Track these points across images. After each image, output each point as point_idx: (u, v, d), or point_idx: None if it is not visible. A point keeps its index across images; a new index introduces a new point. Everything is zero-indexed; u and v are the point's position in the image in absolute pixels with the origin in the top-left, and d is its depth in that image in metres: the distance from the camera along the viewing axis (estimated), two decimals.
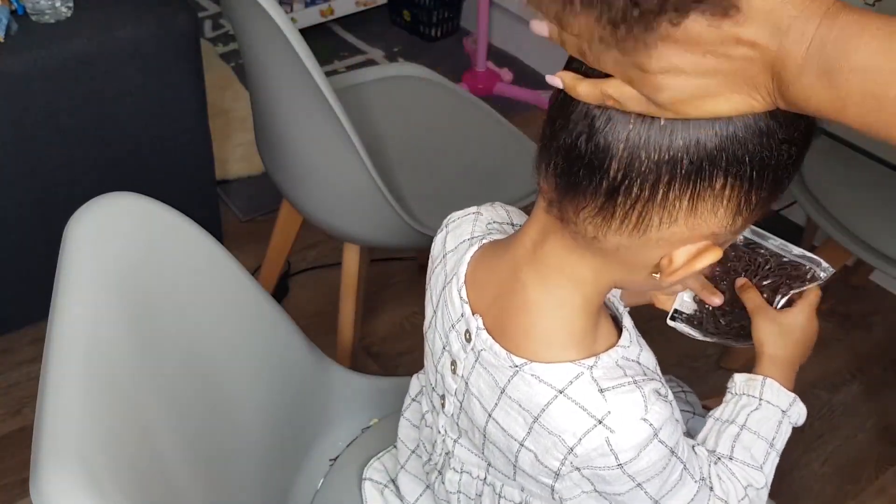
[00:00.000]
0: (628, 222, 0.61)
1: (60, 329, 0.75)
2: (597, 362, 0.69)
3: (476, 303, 0.75)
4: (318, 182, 1.45)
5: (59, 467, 0.63)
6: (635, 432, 0.67)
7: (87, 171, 1.71)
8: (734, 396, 0.87)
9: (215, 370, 0.97)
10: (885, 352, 1.95)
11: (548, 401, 0.69)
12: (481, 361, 0.74)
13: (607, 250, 0.64)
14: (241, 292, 1.01)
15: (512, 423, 0.72)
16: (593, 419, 0.67)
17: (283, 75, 1.31)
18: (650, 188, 0.59)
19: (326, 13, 2.85)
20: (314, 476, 1.10)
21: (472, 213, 0.84)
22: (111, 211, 0.88)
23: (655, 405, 0.68)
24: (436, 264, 0.83)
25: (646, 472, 0.69)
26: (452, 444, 0.84)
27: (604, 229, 0.62)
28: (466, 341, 0.75)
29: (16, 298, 1.79)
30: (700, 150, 0.57)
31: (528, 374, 0.70)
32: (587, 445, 0.68)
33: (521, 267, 0.71)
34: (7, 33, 1.53)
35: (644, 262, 0.65)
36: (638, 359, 0.73)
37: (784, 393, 0.86)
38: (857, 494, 1.67)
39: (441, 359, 0.80)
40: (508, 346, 0.72)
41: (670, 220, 0.61)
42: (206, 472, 0.89)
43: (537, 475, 0.73)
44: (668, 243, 0.63)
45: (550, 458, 0.70)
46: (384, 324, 1.94)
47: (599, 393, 0.67)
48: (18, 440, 1.68)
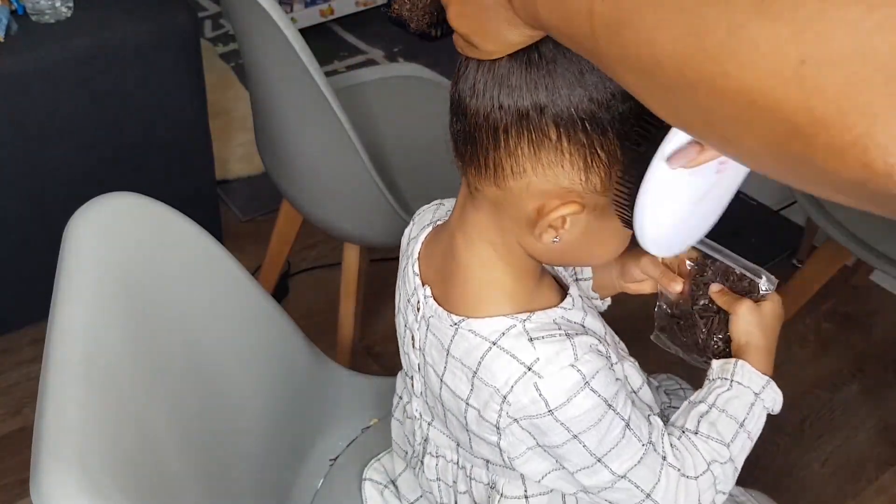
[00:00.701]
0: (488, 170, 0.65)
1: (60, 329, 0.75)
2: (530, 317, 0.71)
3: (426, 274, 0.79)
4: (318, 182, 1.45)
5: (59, 467, 0.63)
6: (563, 377, 0.68)
7: (87, 171, 1.71)
8: (709, 381, 0.86)
9: (215, 370, 0.97)
10: (885, 352, 1.95)
11: (482, 353, 0.71)
12: (431, 328, 0.77)
13: (492, 202, 0.68)
14: (241, 292, 1.01)
15: (458, 382, 0.74)
16: (523, 366, 0.69)
17: (283, 75, 1.31)
18: (492, 134, 0.63)
19: (326, 13, 2.85)
20: (314, 476, 1.10)
21: (435, 204, 0.88)
22: (111, 211, 0.88)
23: (587, 355, 0.69)
24: (403, 254, 0.86)
25: (579, 422, 0.69)
26: (427, 427, 0.85)
27: (478, 179, 0.67)
28: (417, 311, 0.78)
29: (16, 298, 1.79)
30: (525, 98, 0.60)
31: (465, 330, 0.72)
32: (518, 392, 0.69)
33: (454, 233, 0.74)
34: (7, 33, 1.53)
35: (523, 214, 0.67)
36: (582, 322, 0.75)
37: (757, 376, 0.84)
38: (857, 494, 1.67)
39: (405, 338, 0.83)
40: (449, 307, 0.75)
41: (520, 169, 0.64)
42: (205, 472, 0.89)
43: (483, 433, 0.75)
44: (530, 195, 0.65)
45: (490, 412, 0.72)
46: (384, 324, 1.94)
47: (529, 342, 0.69)
48: (18, 440, 1.68)
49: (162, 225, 0.92)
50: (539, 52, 0.59)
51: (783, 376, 0.87)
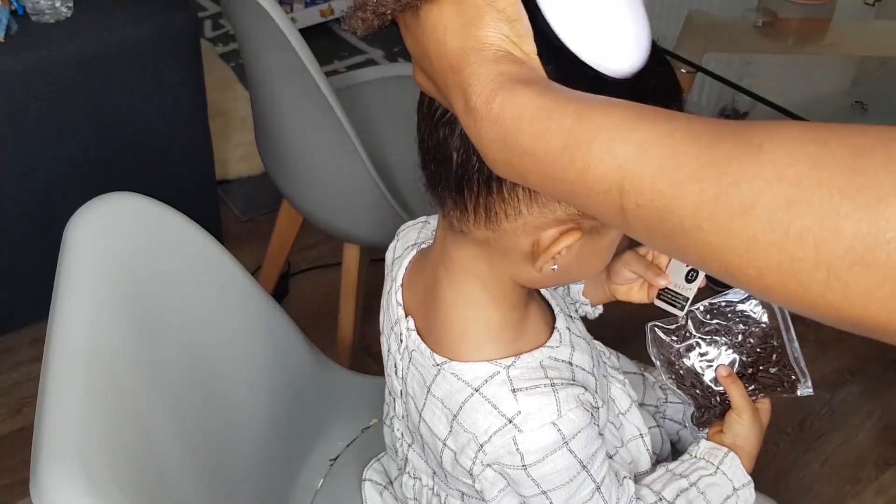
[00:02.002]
0: (480, 217, 0.63)
1: (60, 329, 0.75)
2: (515, 362, 0.70)
3: (409, 304, 0.77)
4: (318, 182, 1.45)
5: (59, 467, 0.63)
6: (543, 435, 0.67)
7: (87, 170, 1.71)
8: (692, 458, 0.87)
9: (215, 370, 0.97)
10: (885, 352, 1.95)
11: (464, 399, 0.70)
12: (413, 361, 0.75)
13: (481, 242, 0.65)
14: (241, 292, 1.01)
15: (437, 422, 0.73)
16: (503, 418, 0.68)
17: (283, 75, 1.31)
18: (485, 183, 0.60)
19: (326, 13, 2.85)
20: (314, 476, 1.10)
21: (420, 222, 0.86)
22: (111, 211, 0.88)
23: (571, 412, 0.68)
24: (387, 273, 0.84)
25: (550, 480, 0.69)
26: (407, 448, 0.85)
27: (466, 223, 0.64)
28: (401, 342, 0.77)
29: (16, 298, 1.79)
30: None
31: (449, 373, 0.71)
32: (496, 443, 0.68)
33: (437, 267, 0.72)
34: (7, 33, 1.53)
35: (517, 250, 0.65)
36: (570, 359, 0.73)
37: (742, 473, 0.85)
38: (857, 494, 1.67)
39: (388, 362, 0.81)
40: (433, 344, 0.73)
41: (516, 213, 0.62)
42: (206, 472, 0.89)
43: (458, 475, 0.74)
44: (526, 232, 0.63)
45: (465, 458, 0.71)
46: None
47: (512, 393, 0.68)
48: (18, 440, 1.68)
49: (162, 225, 0.92)
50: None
51: None
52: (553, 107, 0.46)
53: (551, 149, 0.46)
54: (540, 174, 0.47)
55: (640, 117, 0.44)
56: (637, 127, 0.43)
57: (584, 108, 0.46)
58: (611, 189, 0.44)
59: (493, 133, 0.48)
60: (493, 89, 0.48)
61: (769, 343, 0.92)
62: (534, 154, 0.46)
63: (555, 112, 0.46)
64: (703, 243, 0.41)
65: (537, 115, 0.46)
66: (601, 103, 0.46)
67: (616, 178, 0.43)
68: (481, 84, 0.48)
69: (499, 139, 0.48)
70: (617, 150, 0.43)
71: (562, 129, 0.45)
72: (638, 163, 0.42)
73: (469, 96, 0.49)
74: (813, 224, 0.37)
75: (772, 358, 0.92)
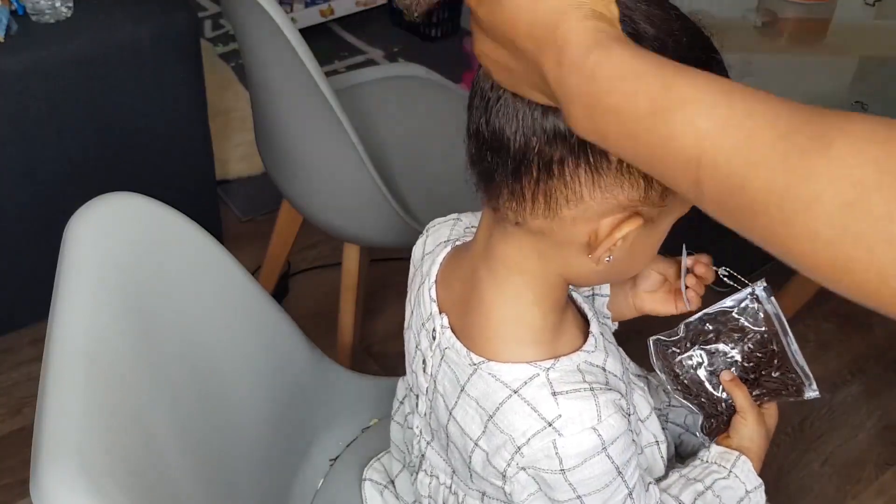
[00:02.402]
0: (538, 204, 0.62)
1: (60, 329, 0.75)
2: (554, 364, 0.69)
3: (443, 302, 0.76)
4: (319, 182, 1.45)
5: (59, 467, 0.63)
6: (583, 440, 0.67)
7: (87, 171, 1.71)
8: (704, 462, 0.87)
9: (215, 370, 0.97)
10: (885, 352, 1.95)
11: (502, 399, 0.69)
12: (446, 359, 0.75)
13: (536, 234, 0.65)
14: (241, 292, 1.01)
15: (469, 421, 0.72)
16: (543, 421, 0.67)
17: (283, 75, 1.31)
18: (546, 167, 0.60)
19: (326, 13, 2.85)
20: (314, 476, 1.10)
21: (451, 219, 0.85)
22: (111, 211, 0.88)
23: (610, 418, 0.67)
24: (416, 268, 0.84)
25: (587, 484, 0.69)
26: (426, 446, 0.85)
27: (522, 213, 0.64)
28: (433, 339, 0.76)
29: (16, 298, 1.79)
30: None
31: (486, 373, 0.70)
32: (534, 446, 0.68)
33: (477, 264, 0.72)
34: (7, 33, 1.53)
35: (572, 241, 0.65)
36: (604, 365, 0.72)
37: (753, 476, 0.86)
38: (857, 494, 1.67)
39: (415, 358, 0.81)
40: (469, 343, 0.72)
41: (577, 198, 0.61)
42: (206, 472, 0.89)
43: (488, 476, 0.73)
44: (585, 220, 0.63)
45: (499, 459, 0.71)
46: (384, 324, 1.94)
47: (552, 396, 0.68)
48: (18, 440, 1.68)
49: (162, 225, 0.92)
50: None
51: None
52: (644, 70, 0.47)
53: (637, 112, 0.47)
54: (622, 135, 0.48)
55: (723, 93, 0.45)
56: (718, 103, 0.45)
57: (671, 76, 0.47)
58: (689, 161, 0.45)
59: (584, 88, 0.49)
60: (589, 45, 0.49)
61: (769, 348, 0.92)
62: (619, 114, 0.48)
63: (645, 76, 0.47)
64: (769, 227, 0.43)
65: (628, 75, 0.47)
66: (688, 74, 0.47)
67: (695, 152, 0.45)
68: (580, 38, 0.49)
69: (588, 94, 0.49)
70: (699, 124, 0.45)
71: (649, 94, 0.47)
72: (717, 140, 0.44)
73: (565, 50, 0.49)
74: (868, 228, 0.39)
75: (773, 362, 0.92)
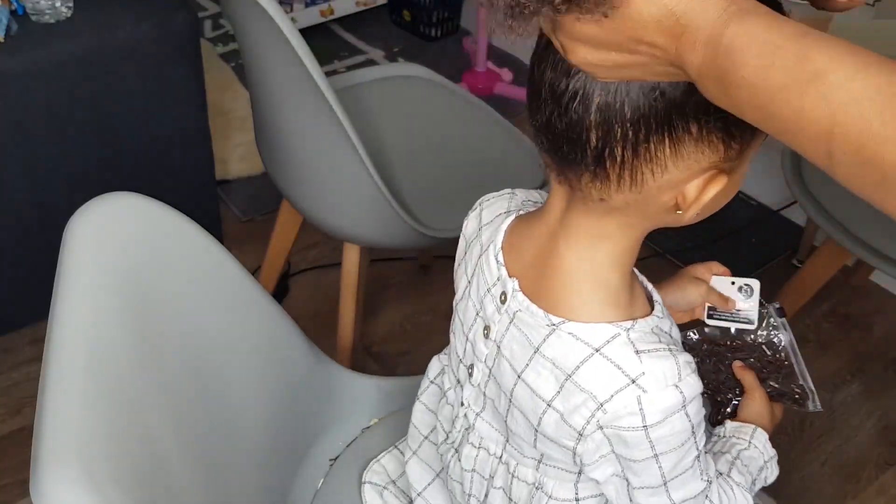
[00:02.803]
0: (624, 182, 0.64)
1: (60, 329, 0.75)
2: (634, 325, 0.71)
3: (512, 267, 0.77)
4: (318, 182, 1.45)
5: (59, 467, 0.63)
6: (667, 396, 0.68)
7: (87, 171, 1.71)
8: (722, 437, 0.91)
9: (215, 370, 0.97)
10: (885, 352, 1.95)
11: (583, 358, 0.70)
12: (516, 322, 0.75)
13: (617, 207, 0.67)
14: (241, 292, 1.01)
15: (542, 382, 0.73)
16: (627, 378, 0.68)
17: (283, 75, 1.31)
18: (632, 149, 0.62)
19: (326, 13, 2.85)
20: (314, 476, 1.10)
21: (507, 193, 0.86)
22: (111, 211, 0.88)
23: (689, 377, 0.69)
24: (470, 240, 0.85)
25: (666, 441, 0.70)
26: (475, 417, 0.84)
27: (606, 191, 0.66)
28: (501, 303, 0.77)
29: (16, 298, 1.79)
30: (666, 103, 0.60)
31: (566, 333, 0.71)
32: (618, 402, 0.69)
33: (554, 234, 0.73)
34: (7, 33, 1.53)
35: (658, 208, 0.67)
36: (670, 331, 0.75)
37: (770, 446, 0.90)
38: (857, 494, 1.67)
39: (473, 326, 0.81)
40: (545, 306, 0.73)
41: (662, 170, 0.63)
42: (206, 472, 0.89)
43: (560, 437, 0.74)
44: (671, 186, 0.65)
45: (577, 417, 0.71)
46: (384, 324, 1.94)
47: (636, 354, 0.69)
48: (18, 440, 1.68)
49: (162, 225, 0.92)
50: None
51: None
52: (778, 43, 0.48)
53: (771, 85, 0.48)
54: (755, 107, 0.50)
55: (859, 65, 0.46)
56: (853, 76, 0.46)
57: (806, 47, 0.48)
58: (821, 133, 0.47)
59: (720, 64, 0.50)
60: (725, 20, 0.50)
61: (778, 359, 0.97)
62: (754, 87, 0.49)
63: (779, 49, 0.48)
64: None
65: (763, 49, 0.48)
66: (824, 44, 0.48)
67: (827, 125, 0.46)
68: (714, 15, 0.50)
69: (723, 69, 0.50)
70: (833, 97, 0.46)
71: (784, 67, 0.48)
72: (849, 113, 0.46)
73: (700, 32, 0.50)
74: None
75: (780, 371, 0.97)
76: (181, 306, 0.93)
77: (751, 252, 2.15)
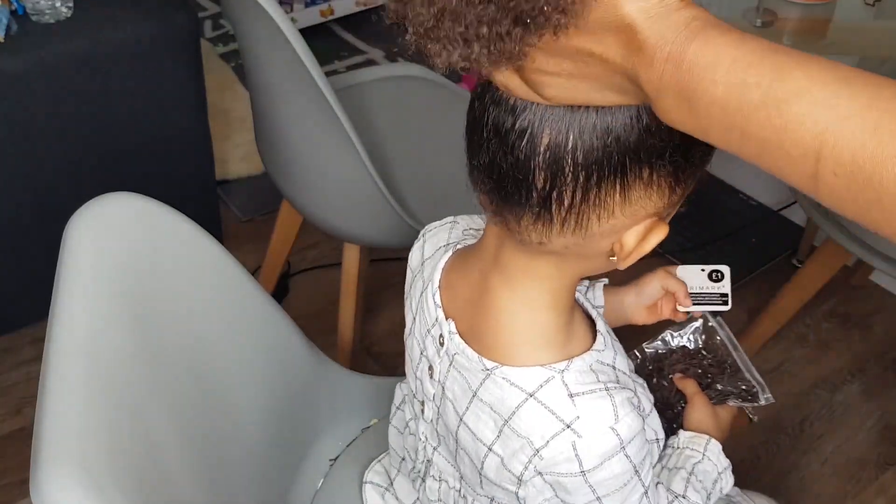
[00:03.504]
0: (568, 226, 0.62)
1: (60, 329, 0.75)
2: (569, 366, 0.69)
3: (449, 307, 0.76)
4: (318, 182, 1.45)
5: (59, 467, 0.63)
6: (603, 441, 0.67)
7: (87, 171, 1.71)
8: (676, 449, 0.89)
9: (215, 370, 0.97)
10: (885, 352, 1.95)
11: (518, 403, 0.69)
12: (455, 365, 0.74)
13: (557, 251, 0.65)
14: (241, 292, 1.01)
15: (483, 426, 0.72)
16: (562, 423, 0.67)
17: (283, 75, 1.31)
18: (581, 192, 0.60)
19: (326, 13, 2.85)
20: (314, 476, 1.10)
21: (448, 223, 0.85)
22: (111, 211, 0.88)
23: (627, 417, 0.68)
24: (415, 273, 0.84)
25: (606, 485, 0.69)
26: (432, 451, 0.84)
27: (547, 234, 0.63)
28: (440, 345, 0.76)
29: (16, 298, 1.79)
30: (621, 147, 0.58)
31: (500, 378, 0.70)
32: (553, 449, 0.68)
33: (488, 271, 0.71)
34: (7, 33, 1.53)
35: (595, 253, 0.66)
36: (613, 363, 0.73)
37: (723, 457, 0.89)
38: (857, 494, 1.67)
39: (420, 364, 0.81)
40: (480, 349, 0.72)
41: (607, 214, 0.61)
42: (206, 472, 0.89)
43: (502, 482, 0.73)
44: (612, 232, 0.63)
45: (516, 462, 0.70)
46: (384, 324, 1.94)
47: (569, 398, 0.68)
48: (18, 440, 1.68)
49: (162, 225, 0.92)
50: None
51: (783, 376, 0.88)
52: (749, 60, 0.45)
53: (746, 103, 0.45)
54: (727, 128, 0.46)
55: (841, 80, 0.43)
56: (837, 93, 0.43)
57: (780, 63, 0.45)
58: (807, 154, 0.44)
59: (684, 81, 0.47)
60: (687, 36, 0.47)
61: (720, 358, 0.98)
62: (725, 106, 0.46)
63: (751, 66, 0.45)
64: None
65: (734, 66, 0.45)
66: (799, 60, 0.45)
67: (814, 145, 0.43)
68: (674, 32, 0.47)
69: (688, 88, 0.47)
70: (818, 116, 0.43)
71: (759, 84, 0.45)
72: (839, 133, 0.42)
73: (658, 49, 0.47)
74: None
75: (725, 372, 0.97)
76: (181, 306, 0.93)
77: (751, 252, 2.15)
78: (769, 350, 1.89)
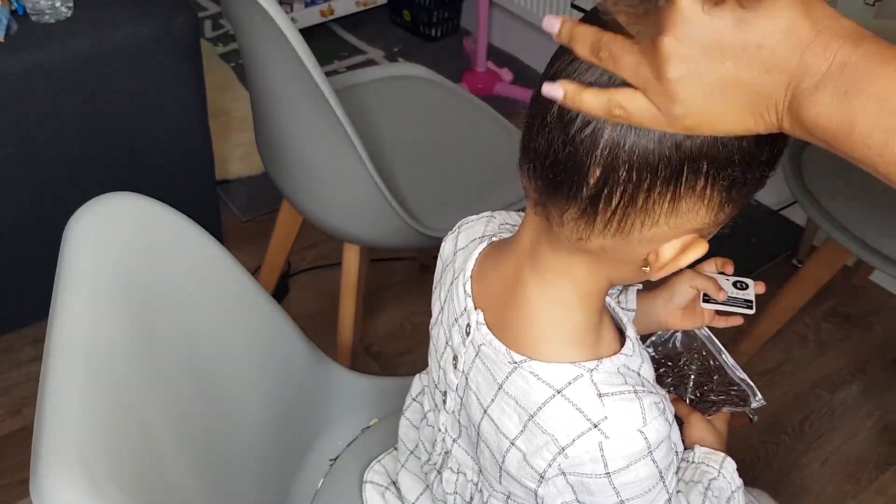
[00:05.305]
0: (610, 227, 0.62)
1: (60, 329, 0.75)
2: (598, 366, 0.69)
3: (479, 298, 0.75)
4: (318, 182, 1.45)
5: (59, 467, 0.63)
6: (629, 442, 0.67)
7: (87, 171, 1.71)
8: (692, 464, 0.88)
9: (215, 370, 0.97)
10: (885, 352, 1.95)
11: (545, 399, 0.68)
12: (481, 356, 0.74)
13: (593, 251, 0.65)
14: (241, 292, 1.01)
15: (506, 420, 0.72)
16: (589, 422, 0.67)
17: (283, 75, 1.31)
18: (631, 195, 0.59)
19: (326, 13, 2.85)
20: (314, 476, 1.10)
21: (485, 216, 0.84)
22: (111, 211, 0.88)
23: (655, 421, 0.67)
24: (446, 263, 0.83)
25: (631, 488, 0.68)
26: (451, 443, 0.84)
27: (587, 232, 0.63)
28: (466, 335, 0.75)
29: (16, 298, 1.79)
30: (681, 154, 0.57)
31: (527, 372, 0.70)
32: (579, 448, 0.67)
33: (521, 265, 0.71)
34: (7, 33, 1.53)
35: (630, 259, 0.65)
36: (639, 370, 0.72)
37: (737, 476, 0.88)
38: (857, 494, 1.67)
39: (444, 354, 0.80)
40: (508, 341, 0.71)
41: (652, 222, 0.61)
42: (206, 472, 0.89)
43: (522, 478, 0.72)
44: (651, 241, 0.63)
45: (539, 459, 0.70)
46: (384, 324, 1.94)
47: (598, 397, 0.67)
48: (18, 440, 1.68)
49: (162, 225, 0.92)
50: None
51: (783, 376, 0.88)
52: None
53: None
54: (877, 125, 0.50)
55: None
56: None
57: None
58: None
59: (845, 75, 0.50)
60: (858, 37, 0.50)
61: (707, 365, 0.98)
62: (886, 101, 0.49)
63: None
64: None
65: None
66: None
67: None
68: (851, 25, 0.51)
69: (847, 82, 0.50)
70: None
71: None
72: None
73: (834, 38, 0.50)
74: None
75: (713, 379, 0.97)
76: (181, 306, 0.93)
77: (751, 252, 2.15)
78: (769, 350, 1.89)
